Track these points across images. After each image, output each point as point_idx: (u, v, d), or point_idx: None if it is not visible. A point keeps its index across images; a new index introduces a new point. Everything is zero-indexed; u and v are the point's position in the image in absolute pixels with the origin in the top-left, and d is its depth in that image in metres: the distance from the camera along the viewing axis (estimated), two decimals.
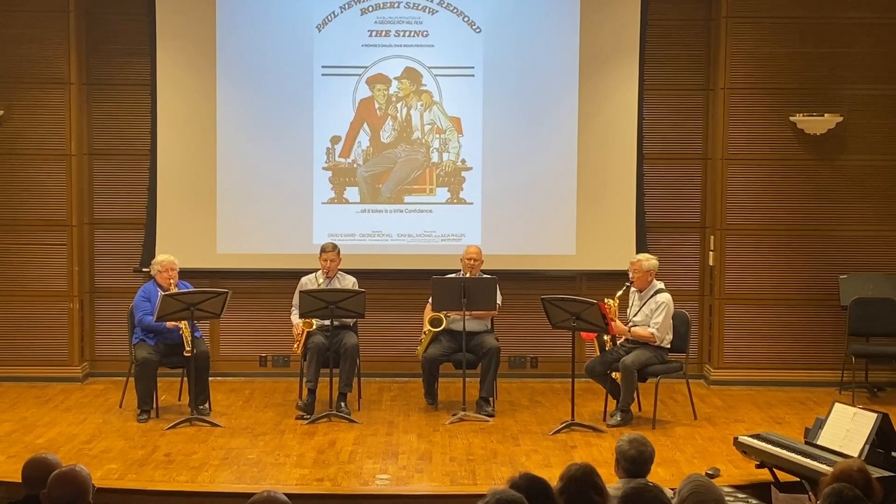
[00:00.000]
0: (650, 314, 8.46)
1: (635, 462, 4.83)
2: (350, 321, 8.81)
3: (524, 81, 9.86)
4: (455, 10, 9.84)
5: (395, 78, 9.89)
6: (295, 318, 8.79)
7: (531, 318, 9.46)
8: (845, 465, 4.74)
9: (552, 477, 4.40)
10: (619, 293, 8.54)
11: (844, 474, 4.56)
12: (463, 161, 9.92)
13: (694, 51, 9.96)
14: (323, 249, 8.91)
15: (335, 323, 8.56)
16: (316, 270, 8.90)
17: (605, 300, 8.30)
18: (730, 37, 9.67)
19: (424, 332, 8.87)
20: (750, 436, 6.82)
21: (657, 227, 9.97)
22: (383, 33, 9.88)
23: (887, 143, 9.78)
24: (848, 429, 6.32)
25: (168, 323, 8.39)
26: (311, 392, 8.62)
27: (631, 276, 8.60)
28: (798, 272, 9.83)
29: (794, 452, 6.37)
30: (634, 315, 8.57)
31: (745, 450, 6.75)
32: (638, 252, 9.31)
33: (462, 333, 8.60)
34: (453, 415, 8.54)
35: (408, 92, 9.92)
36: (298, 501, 4.88)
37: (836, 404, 6.56)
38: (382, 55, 9.88)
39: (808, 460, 6.23)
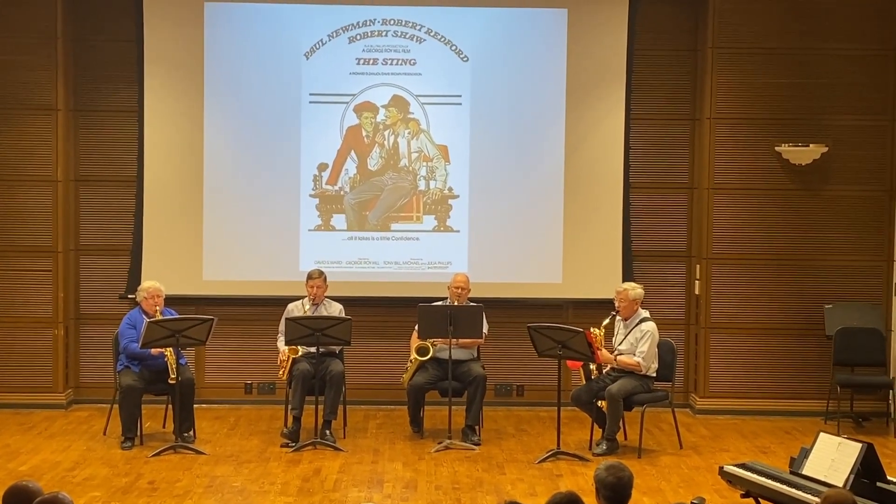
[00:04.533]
0: (635, 343, 8.47)
1: (615, 489, 4.80)
2: (336, 348, 8.81)
3: (511, 110, 9.90)
4: (442, 39, 9.89)
5: (383, 106, 9.92)
6: (281, 344, 8.78)
7: (517, 347, 9.47)
8: (833, 493, 4.72)
9: None
10: (605, 322, 8.54)
11: None
12: (450, 189, 9.94)
13: (680, 81, 10.03)
14: (309, 276, 8.91)
15: (321, 350, 8.56)
16: (303, 297, 8.90)
17: (591, 329, 8.30)
18: (716, 67, 9.73)
19: (411, 361, 8.86)
20: (735, 465, 6.80)
21: (643, 256, 10.00)
22: (371, 61, 9.91)
23: (872, 174, 9.83)
24: (833, 458, 6.30)
25: (153, 350, 8.36)
26: (296, 419, 8.60)
27: (617, 304, 8.61)
28: (783, 301, 9.86)
29: (779, 482, 6.36)
30: (620, 343, 8.58)
31: (731, 479, 6.73)
32: (624, 280, 9.31)
33: (448, 361, 8.60)
34: (439, 443, 8.52)
35: (395, 120, 9.94)
36: None
37: (822, 434, 6.55)
38: (370, 83, 9.91)
39: (794, 490, 6.21)
